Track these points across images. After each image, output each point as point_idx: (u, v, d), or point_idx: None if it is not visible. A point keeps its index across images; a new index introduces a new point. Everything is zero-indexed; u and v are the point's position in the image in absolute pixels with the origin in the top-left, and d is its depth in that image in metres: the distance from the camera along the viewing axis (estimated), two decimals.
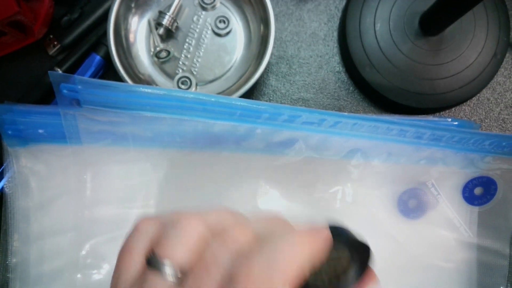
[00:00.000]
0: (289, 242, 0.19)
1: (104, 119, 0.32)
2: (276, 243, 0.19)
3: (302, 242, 0.19)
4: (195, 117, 0.32)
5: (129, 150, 0.35)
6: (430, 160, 0.36)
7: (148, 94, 0.31)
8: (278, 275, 0.18)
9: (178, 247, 0.19)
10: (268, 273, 0.18)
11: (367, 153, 0.35)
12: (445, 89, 0.39)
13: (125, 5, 0.37)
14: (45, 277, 0.35)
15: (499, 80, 0.43)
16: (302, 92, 0.42)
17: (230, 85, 0.39)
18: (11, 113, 0.33)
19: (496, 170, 0.37)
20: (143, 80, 0.38)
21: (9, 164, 0.34)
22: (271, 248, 0.19)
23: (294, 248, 0.19)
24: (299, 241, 0.19)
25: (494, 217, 0.38)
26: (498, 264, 0.38)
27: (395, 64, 0.39)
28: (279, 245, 0.19)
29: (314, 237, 0.20)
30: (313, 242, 0.20)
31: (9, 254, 0.34)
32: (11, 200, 0.34)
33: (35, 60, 0.41)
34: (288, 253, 0.19)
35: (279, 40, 0.42)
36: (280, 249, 0.19)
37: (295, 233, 0.20)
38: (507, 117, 0.42)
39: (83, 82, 0.30)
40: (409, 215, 0.38)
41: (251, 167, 0.36)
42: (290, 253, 0.19)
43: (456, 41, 0.39)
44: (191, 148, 0.35)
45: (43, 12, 0.38)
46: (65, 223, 0.35)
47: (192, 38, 0.39)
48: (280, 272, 0.18)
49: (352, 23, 0.40)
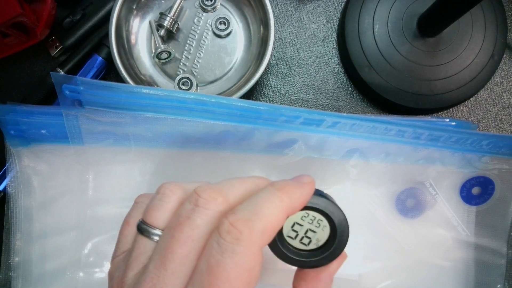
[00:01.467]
0: (269, 195, 0.21)
1: (105, 119, 0.32)
2: (256, 197, 0.21)
3: (281, 196, 0.21)
4: (196, 117, 0.32)
5: (130, 150, 0.35)
6: (428, 160, 0.36)
7: (149, 95, 0.31)
8: (258, 224, 0.19)
9: (160, 212, 0.22)
10: (249, 223, 0.19)
11: (365, 153, 0.36)
12: (443, 90, 0.40)
13: (127, 7, 0.38)
14: (47, 275, 0.35)
15: (497, 81, 0.43)
16: (301, 93, 0.42)
17: (230, 86, 0.39)
18: (14, 113, 0.33)
19: (494, 170, 0.37)
20: (144, 81, 0.39)
21: (12, 164, 0.35)
22: (251, 202, 0.20)
23: (273, 201, 0.20)
24: (278, 194, 0.21)
25: (491, 217, 0.38)
26: (496, 263, 0.38)
27: (393, 65, 0.39)
28: (259, 198, 0.20)
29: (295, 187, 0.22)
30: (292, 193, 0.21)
31: (11, 253, 0.35)
32: (14, 200, 0.35)
33: (37, 61, 0.41)
34: (268, 205, 0.20)
35: (279, 41, 0.43)
36: (260, 203, 0.20)
37: (275, 186, 0.21)
38: (504, 118, 0.43)
39: (85, 83, 0.30)
40: (407, 214, 0.38)
41: (251, 167, 0.36)
42: (269, 205, 0.20)
43: (454, 43, 0.40)
44: (191, 148, 0.35)
45: (45, 14, 0.38)
46: (67, 222, 0.35)
47: (192, 39, 0.39)
48: (260, 222, 0.19)
49: (351, 24, 0.40)
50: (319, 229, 0.23)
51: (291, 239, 0.23)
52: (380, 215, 0.37)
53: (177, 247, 0.19)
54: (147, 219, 0.22)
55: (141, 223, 0.22)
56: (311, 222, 0.23)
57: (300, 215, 0.23)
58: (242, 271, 0.19)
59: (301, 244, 0.23)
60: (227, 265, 0.18)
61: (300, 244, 0.23)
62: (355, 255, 0.37)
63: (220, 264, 0.18)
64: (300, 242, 0.23)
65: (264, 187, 0.22)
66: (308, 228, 0.23)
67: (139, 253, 0.21)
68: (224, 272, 0.18)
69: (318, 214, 0.23)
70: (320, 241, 0.23)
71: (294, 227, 0.23)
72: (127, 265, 0.21)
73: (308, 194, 0.22)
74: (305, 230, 0.23)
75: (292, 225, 0.23)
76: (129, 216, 0.24)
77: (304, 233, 0.23)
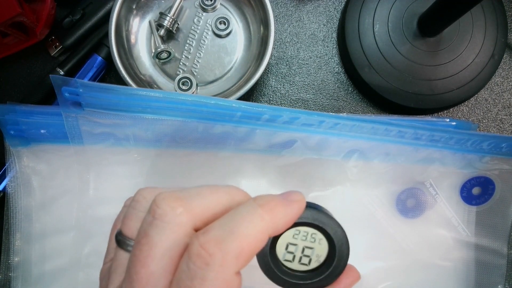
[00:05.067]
0: (248, 212, 0.18)
1: (105, 121, 0.32)
2: (233, 213, 0.18)
3: (262, 213, 0.18)
4: (196, 119, 0.32)
5: (130, 151, 0.35)
6: (429, 160, 0.36)
7: (148, 97, 0.31)
8: (232, 246, 0.17)
9: (132, 221, 0.20)
10: (221, 244, 0.17)
11: (365, 153, 0.35)
12: (443, 90, 0.40)
13: (127, 7, 0.37)
14: (47, 276, 0.35)
15: (497, 81, 0.43)
16: (301, 93, 0.42)
17: (230, 86, 0.39)
18: (14, 113, 0.33)
19: (494, 171, 0.37)
20: (144, 80, 0.39)
21: (12, 164, 0.35)
22: (227, 219, 0.18)
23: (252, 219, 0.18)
24: (259, 211, 0.18)
25: (492, 217, 0.38)
26: (496, 263, 0.38)
27: (393, 65, 0.39)
28: (236, 215, 0.18)
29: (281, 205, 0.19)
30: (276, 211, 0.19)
31: (11, 253, 0.35)
32: (13, 200, 0.35)
33: (37, 61, 0.41)
34: (246, 224, 0.18)
35: (279, 41, 0.42)
36: (237, 220, 0.18)
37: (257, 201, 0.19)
38: (505, 118, 0.43)
39: (84, 86, 0.30)
40: (407, 214, 0.38)
41: (251, 167, 0.36)
42: (248, 224, 0.18)
43: (454, 42, 0.40)
44: (191, 149, 0.35)
45: (45, 14, 0.38)
46: (67, 222, 0.35)
47: (192, 39, 0.39)
48: (235, 243, 0.17)
49: (351, 24, 0.40)
50: (316, 244, 0.21)
51: (290, 262, 0.22)
52: (380, 216, 0.37)
53: (139, 267, 0.18)
54: (122, 229, 0.20)
55: (118, 233, 0.21)
56: (304, 238, 0.21)
57: (291, 234, 0.21)
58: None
59: (301, 265, 0.22)
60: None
61: (300, 265, 0.22)
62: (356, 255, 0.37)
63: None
64: (300, 264, 0.22)
65: (244, 201, 0.19)
66: (304, 245, 0.21)
67: (118, 265, 0.20)
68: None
69: (309, 228, 0.21)
70: (321, 257, 0.22)
71: (288, 249, 0.21)
72: (109, 277, 0.20)
73: (296, 214, 0.20)
74: (301, 249, 0.21)
75: (286, 247, 0.21)
76: (117, 219, 0.23)
77: (301, 252, 0.21)
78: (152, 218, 0.18)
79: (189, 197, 0.19)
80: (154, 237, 0.18)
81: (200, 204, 0.19)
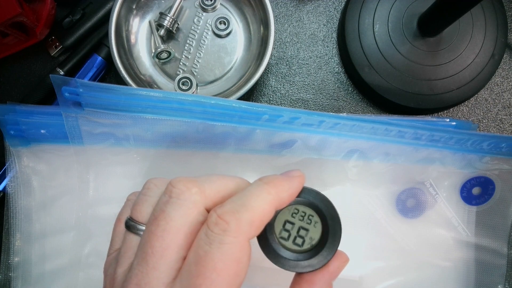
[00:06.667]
0: (256, 189, 0.21)
1: (105, 121, 0.32)
2: (244, 191, 0.21)
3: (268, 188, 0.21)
4: (195, 119, 0.32)
5: (130, 151, 0.35)
6: (429, 160, 0.36)
7: (148, 97, 0.31)
8: (245, 216, 0.19)
9: (143, 206, 0.22)
10: (236, 214, 0.19)
11: (366, 153, 0.35)
12: (443, 90, 0.40)
13: (126, 7, 0.37)
14: (47, 275, 0.35)
15: (497, 81, 0.43)
16: (301, 93, 0.42)
17: (230, 86, 0.39)
18: (14, 113, 0.34)
19: (494, 171, 0.37)
20: (144, 80, 0.39)
21: (11, 164, 0.35)
22: (239, 196, 0.20)
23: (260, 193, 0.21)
24: (266, 187, 0.21)
25: (492, 217, 0.38)
26: (496, 263, 0.38)
27: (393, 65, 0.39)
28: (247, 192, 0.21)
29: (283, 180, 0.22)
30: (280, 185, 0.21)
31: (11, 253, 0.35)
32: (13, 200, 0.35)
33: (37, 61, 0.41)
34: (255, 197, 0.20)
35: (279, 41, 0.42)
36: (247, 196, 0.20)
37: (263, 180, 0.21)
38: (505, 118, 0.43)
39: (84, 86, 0.30)
40: (407, 214, 0.38)
41: (251, 167, 0.36)
42: (257, 197, 0.20)
43: (454, 42, 0.40)
44: (191, 149, 0.35)
45: (45, 14, 0.38)
46: (67, 222, 0.35)
47: (192, 39, 0.39)
48: (247, 214, 0.19)
49: (351, 24, 0.40)
50: (311, 226, 0.23)
51: (285, 240, 0.23)
52: (380, 215, 0.37)
53: (154, 241, 0.19)
54: (133, 215, 0.22)
55: (129, 219, 0.22)
56: (301, 218, 0.23)
57: (290, 211, 0.23)
58: (229, 261, 0.19)
59: (294, 245, 0.23)
60: (214, 255, 0.18)
61: (293, 245, 0.23)
62: (356, 255, 0.37)
63: (207, 254, 0.19)
64: (293, 243, 0.23)
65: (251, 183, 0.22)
66: (300, 225, 0.23)
67: (127, 249, 0.22)
68: (211, 262, 0.18)
69: (308, 209, 0.23)
70: (314, 240, 0.23)
71: (286, 226, 0.23)
72: (117, 261, 0.22)
73: (297, 187, 0.22)
74: (297, 229, 0.23)
75: (283, 224, 0.23)
76: (120, 213, 0.25)
77: (296, 232, 0.23)
78: (169, 197, 0.20)
79: (201, 181, 0.21)
80: (171, 212, 0.20)
81: (211, 187, 0.21)
